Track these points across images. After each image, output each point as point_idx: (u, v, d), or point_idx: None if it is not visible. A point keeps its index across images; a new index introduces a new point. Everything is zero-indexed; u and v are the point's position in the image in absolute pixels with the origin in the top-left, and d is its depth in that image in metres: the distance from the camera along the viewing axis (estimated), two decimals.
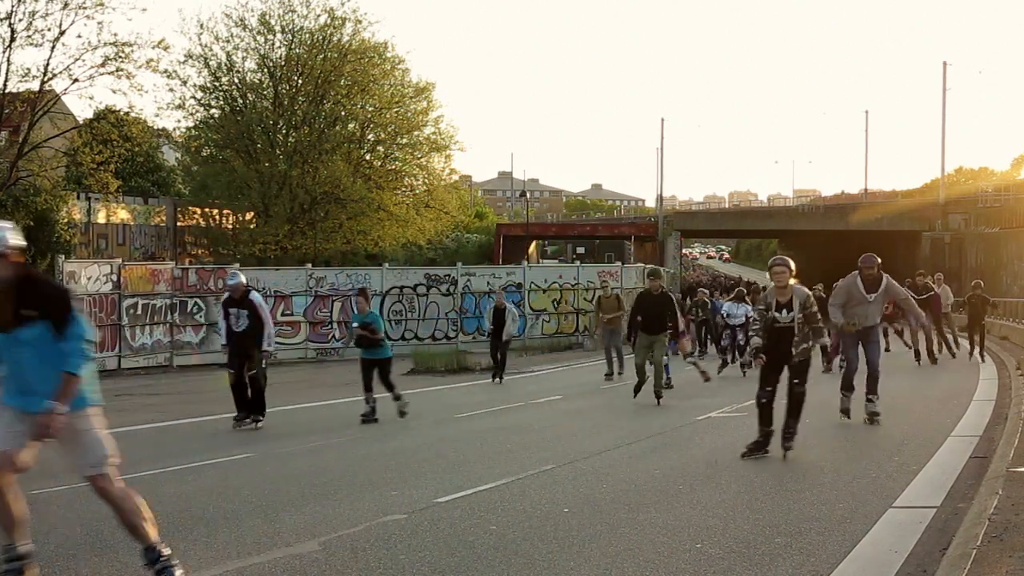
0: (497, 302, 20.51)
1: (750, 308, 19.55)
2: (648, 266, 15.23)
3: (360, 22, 40.02)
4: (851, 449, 9.86)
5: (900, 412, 12.72)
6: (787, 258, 9.67)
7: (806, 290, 9.64)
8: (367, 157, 42.53)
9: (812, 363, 10.02)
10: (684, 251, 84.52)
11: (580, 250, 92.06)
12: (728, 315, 21.09)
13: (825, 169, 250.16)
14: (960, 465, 8.71)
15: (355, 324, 13.60)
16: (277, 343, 28.26)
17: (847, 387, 11.82)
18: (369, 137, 42.42)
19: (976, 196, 56.26)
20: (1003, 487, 6.78)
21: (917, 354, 20.67)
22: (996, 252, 45.39)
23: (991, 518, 5.89)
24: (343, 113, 40.99)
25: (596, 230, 79.60)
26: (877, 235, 54.33)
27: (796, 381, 9.56)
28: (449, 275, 30.71)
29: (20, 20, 28.63)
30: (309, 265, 31.63)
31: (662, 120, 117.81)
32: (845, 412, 11.74)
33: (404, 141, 41.99)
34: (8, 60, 29.61)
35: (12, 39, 28.72)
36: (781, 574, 5.56)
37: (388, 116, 41.22)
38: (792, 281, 9.48)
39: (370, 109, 41.34)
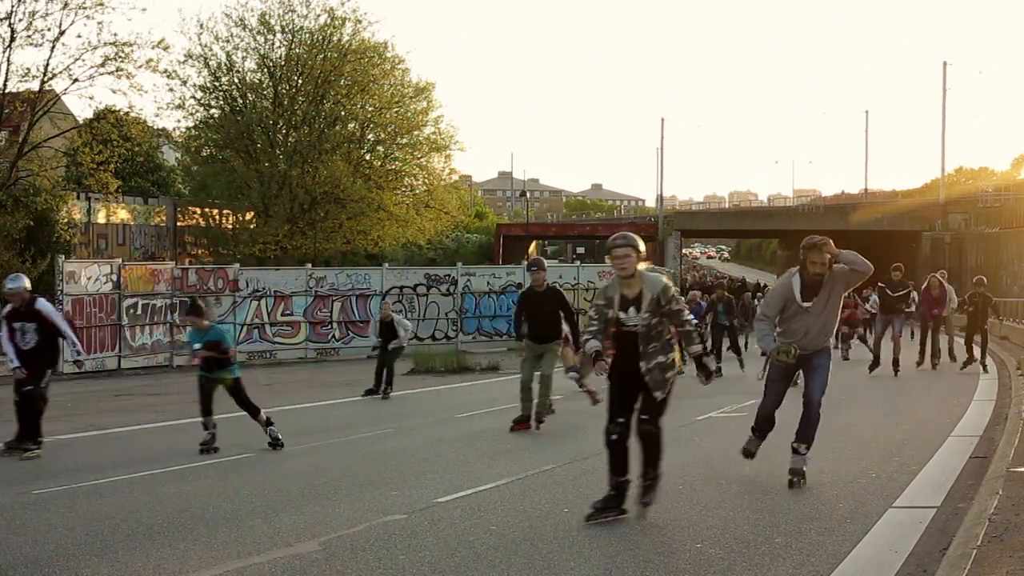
0: (383, 314, 17.81)
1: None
2: (534, 257, 11.17)
3: (360, 22, 40.07)
4: (851, 449, 9.85)
5: (900, 412, 12.75)
6: (632, 235, 7.12)
7: (663, 279, 6.98)
8: (367, 157, 42.53)
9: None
10: (684, 251, 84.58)
11: (580, 250, 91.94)
12: None
13: (825, 169, 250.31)
14: (960, 465, 8.71)
15: (196, 346, 10.96)
16: (278, 343, 28.70)
17: (758, 429, 8.45)
18: (369, 137, 42.43)
19: (976, 196, 56.30)
20: (1003, 487, 6.78)
21: (876, 361, 18.19)
22: (996, 252, 45.42)
23: (991, 518, 5.89)
24: (343, 113, 40.99)
25: (596, 230, 79.47)
26: (877, 235, 54.37)
27: (645, 417, 6.88)
28: (449, 275, 30.72)
29: (20, 20, 28.67)
30: (309, 265, 31.64)
31: (662, 120, 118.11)
32: (747, 454, 8.55)
33: (404, 141, 42.00)
34: (8, 60, 29.70)
35: (12, 39, 28.75)
36: (781, 574, 5.56)
37: (388, 116, 41.23)
38: (642, 267, 6.93)
39: (370, 109, 41.35)
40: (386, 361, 17.19)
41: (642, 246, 6.97)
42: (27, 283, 10.69)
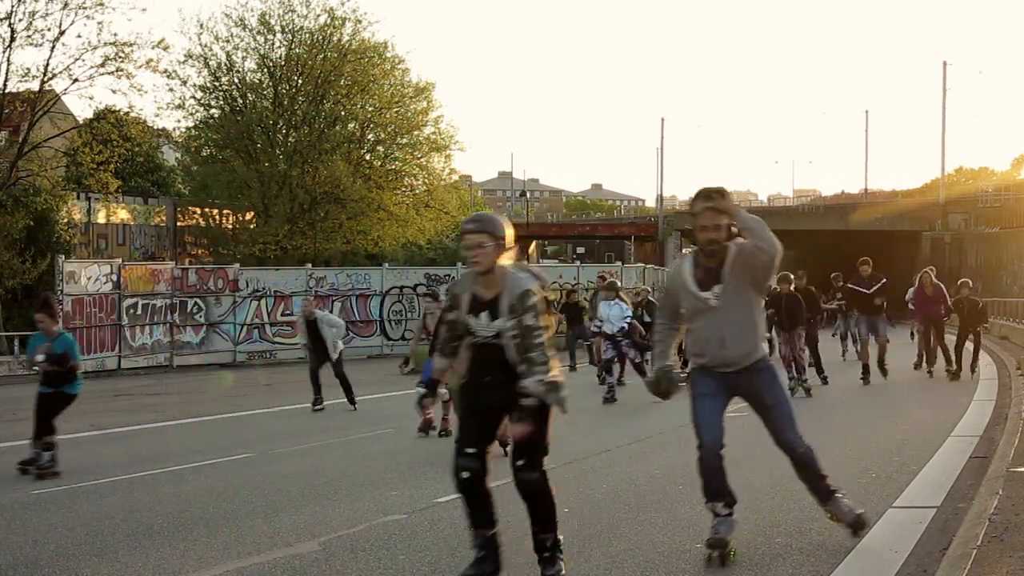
0: (304, 312, 15.61)
1: (627, 309, 15.69)
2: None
3: (360, 22, 40.05)
4: (851, 449, 9.85)
5: (900, 412, 12.74)
6: (491, 217, 5.29)
7: (527, 283, 5.19)
8: (367, 157, 42.53)
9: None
10: (684, 251, 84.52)
11: (580, 250, 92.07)
12: (602, 320, 15.51)
13: (825, 169, 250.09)
14: (960, 465, 8.71)
15: (40, 358, 9.52)
16: (278, 343, 28.69)
17: (712, 493, 5.84)
18: (369, 137, 42.42)
19: (976, 196, 56.39)
20: (1003, 487, 6.78)
21: (866, 369, 16.53)
22: (996, 252, 45.46)
23: (991, 518, 5.89)
24: (343, 113, 40.99)
25: (596, 230, 79.71)
26: (877, 235, 54.39)
27: (520, 463, 5.28)
28: (449, 275, 30.72)
29: (20, 20, 28.65)
30: (309, 265, 31.65)
31: (662, 120, 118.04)
32: (716, 545, 5.69)
33: (404, 141, 41.99)
34: (8, 60, 29.67)
35: (12, 39, 28.74)
36: (781, 574, 5.55)
37: (388, 116, 41.22)
38: (504, 261, 5.21)
39: (370, 109, 41.34)
40: (334, 370, 15.38)
41: (507, 233, 5.19)
42: None
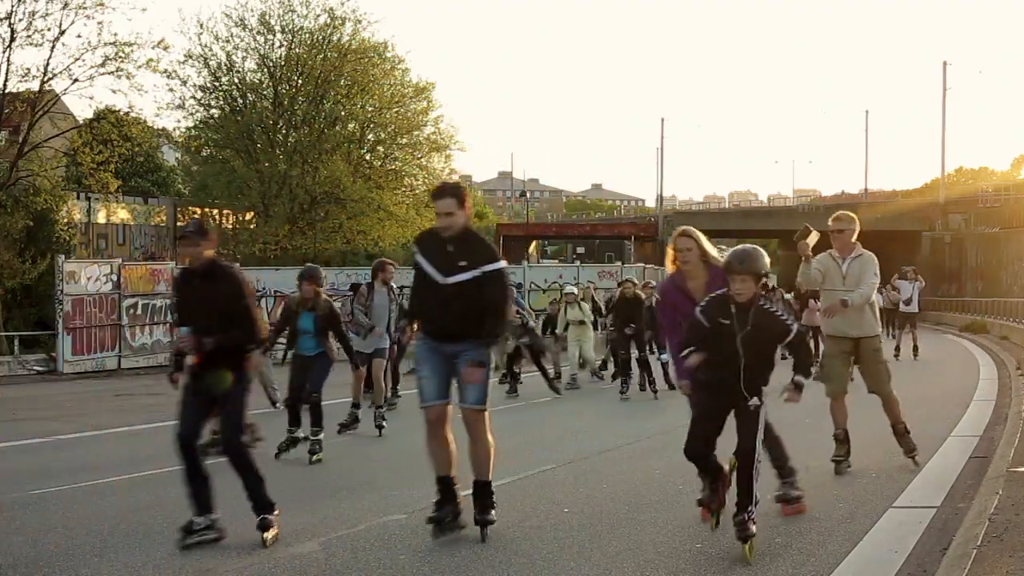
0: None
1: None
2: None
3: (360, 22, 40.08)
4: (851, 449, 9.84)
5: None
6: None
7: None
8: (367, 157, 42.55)
9: None
10: None
11: (580, 250, 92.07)
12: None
13: (825, 169, 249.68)
14: (960, 465, 8.71)
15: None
16: (278, 343, 28.53)
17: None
18: (369, 137, 42.43)
19: (976, 196, 56.40)
20: (1003, 487, 6.78)
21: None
22: (996, 252, 45.46)
23: (991, 518, 5.89)
24: (343, 113, 41.01)
25: (596, 230, 79.69)
26: (877, 235, 54.33)
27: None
28: None
29: (20, 20, 28.60)
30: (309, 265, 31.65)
31: (662, 120, 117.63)
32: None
33: (404, 141, 42.00)
34: (8, 60, 29.62)
35: (12, 39, 28.70)
36: (781, 574, 5.55)
37: (388, 116, 41.23)
38: None
39: (370, 109, 41.36)
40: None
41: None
42: None
